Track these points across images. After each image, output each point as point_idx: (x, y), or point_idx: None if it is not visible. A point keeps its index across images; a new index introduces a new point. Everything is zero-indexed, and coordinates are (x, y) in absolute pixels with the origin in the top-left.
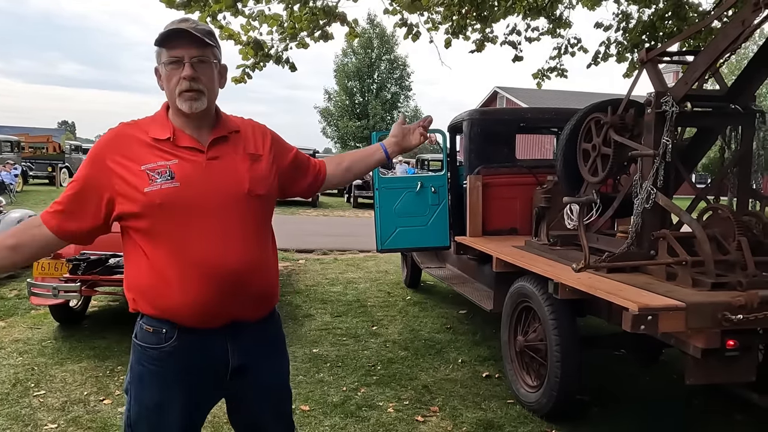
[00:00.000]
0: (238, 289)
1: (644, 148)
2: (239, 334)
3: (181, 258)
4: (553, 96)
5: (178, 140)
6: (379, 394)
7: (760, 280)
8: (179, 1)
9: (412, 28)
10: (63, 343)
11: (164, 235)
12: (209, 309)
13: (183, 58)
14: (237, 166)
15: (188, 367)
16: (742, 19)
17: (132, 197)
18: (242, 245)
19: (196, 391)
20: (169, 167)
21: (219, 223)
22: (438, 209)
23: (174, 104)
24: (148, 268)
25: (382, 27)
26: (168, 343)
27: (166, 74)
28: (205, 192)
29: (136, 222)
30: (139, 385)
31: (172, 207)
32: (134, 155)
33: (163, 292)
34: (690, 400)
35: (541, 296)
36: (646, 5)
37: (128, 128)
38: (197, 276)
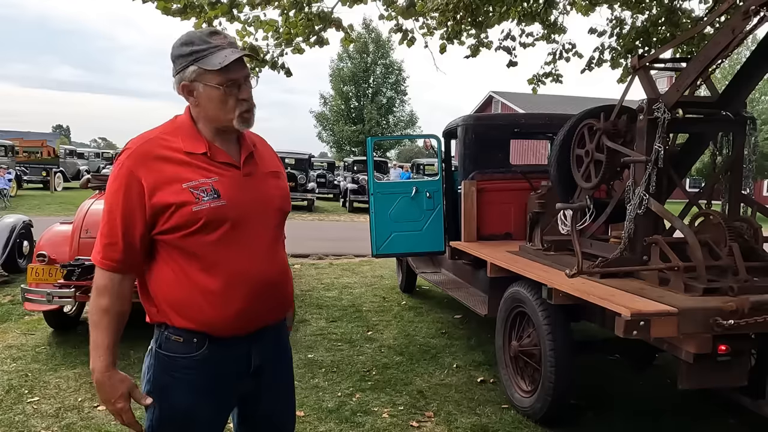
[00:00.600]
0: (272, 298)
1: (636, 155)
2: (261, 338)
3: (223, 272)
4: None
5: (215, 155)
6: (374, 399)
7: (751, 286)
8: (175, 7)
9: (407, 33)
10: (57, 349)
11: (206, 249)
12: (248, 319)
13: (238, 80)
14: (267, 183)
15: (217, 373)
16: (732, 27)
17: (177, 215)
18: (274, 256)
19: (223, 396)
20: (212, 185)
21: (257, 236)
22: (433, 214)
23: (220, 123)
24: (185, 282)
25: (378, 32)
26: (200, 351)
27: (219, 96)
28: (246, 208)
29: (177, 238)
30: (163, 394)
31: (217, 223)
32: (175, 169)
33: (202, 306)
34: (683, 405)
35: (535, 301)
36: (640, 11)
37: (155, 146)
38: (240, 288)
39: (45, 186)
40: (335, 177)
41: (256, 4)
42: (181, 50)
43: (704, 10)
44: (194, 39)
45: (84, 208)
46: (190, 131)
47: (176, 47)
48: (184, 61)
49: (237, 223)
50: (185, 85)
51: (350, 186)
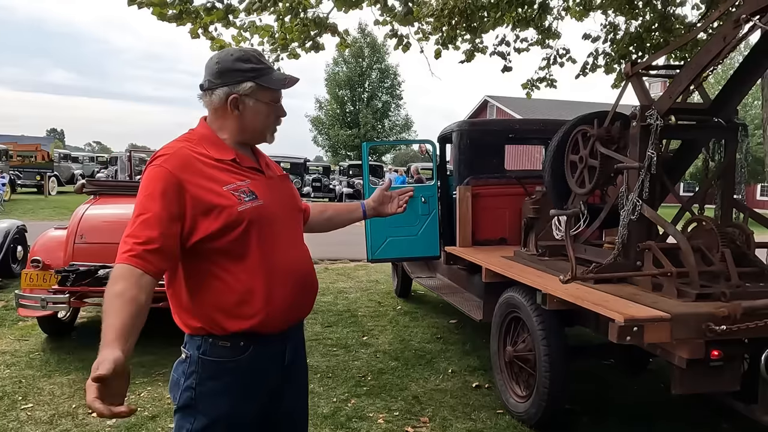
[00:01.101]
0: (309, 290)
1: (630, 161)
2: (293, 335)
3: (265, 268)
4: (543, 105)
5: (243, 161)
6: (370, 405)
7: (743, 291)
8: (170, 13)
9: (402, 38)
10: (51, 355)
11: (249, 249)
12: (292, 312)
13: (281, 98)
14: (285, 185)
15: (259, 373)
16: (723, 35)
17: (223, 217)
18: (305, 251)
19: (262, 394)
20: (248, 187)
21: (289, 233)
22: (428, 219)
23: (257, 135)
24: (233, 285)
25: (373, 36)
26: (246, 353)
27: (265, 111)
28: (277, 208)
29: (220, 240)
30: (213, 399)
31: (258, 222)
32: (212, 174)
33: (248, 305)
34: (677, 410)
35: (530, 307)
36: (633, 17)
37: (190, 152)
38: (284, 283)
39: (39, 190)
40: (331, 181)
41: (252, 9)
42: (237, 65)
43: (697, 16)
44: (251, 57)
45: (79, 213)
46: (215, 141)
47: (230, 61)
48: (239, 75)
49: (274, 222)
50: (236, 97)
51: (345, 190)
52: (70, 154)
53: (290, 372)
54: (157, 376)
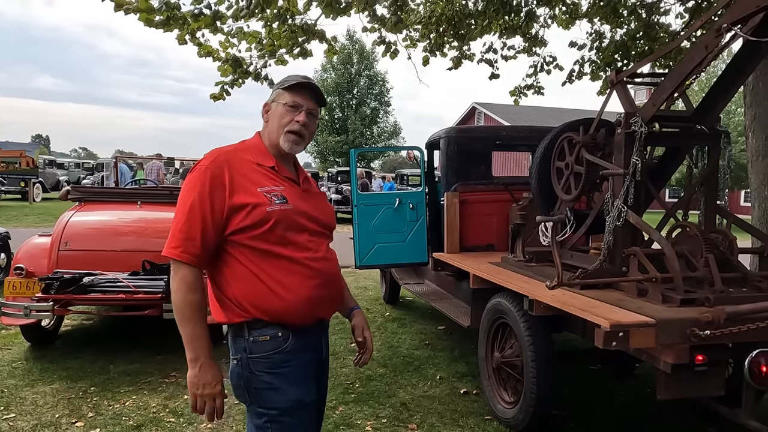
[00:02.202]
0: (335, 289)
1: (615, 167)
2: (325, 330)
3: (294, 266)
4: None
5: (281, 170)
6: (357, 412)
7: (726, 297)
8: (158, 19)
9: (390, 45)
10: (34, 364)
11: (277, 246)
12: (317, 307)
13: (302, 106)
14: (321, 201)
15: (307, 361)
16: (705, 44)
17: (253, 214)
18: (333, 256)
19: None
20: (281, 192)
21: (317, 240)
22: (416, 225)
23: (274, 139)
24: (262, 278)
25: (362, 43)
26: (288, 343)
27: (281, 112)
28: (306, 214)
29: (250, 236)
30: (273, 391)
31: (285, 223)
32: (250, 176)
33: (278, 297)
34: (664, 414)
35: (517, 313)
36: (618, 26)
37: (234, 156)
38: (310, 280)
39: (23, 197)
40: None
41: (240, 15)
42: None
43: (681, 25)
44: (291, 77)
45: (63, 220)
46: (260, 149)
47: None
48: (275, 87)
49: (301, 226)
50: (266, 104)
51: (334, 196)
52: (56, 160)
53: (324, 364)
54: (142, 385)
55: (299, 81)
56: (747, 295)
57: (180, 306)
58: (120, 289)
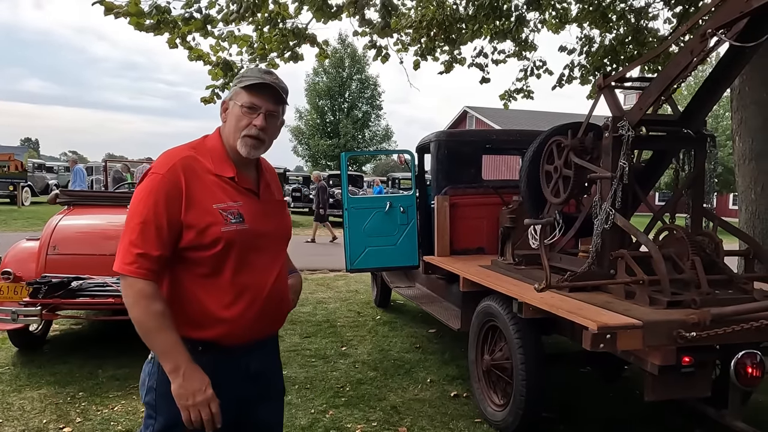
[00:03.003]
0: (277, 312)
1: (602, 171)
2: (262, 346)
3: (234, 288)
4: (522, 116)
5: (242, 181)
6: (348, 416)
7: (712, 299)
8: (148, 23)
9: (381, 49)
10: (22, 369)
11: (224, 267)
12: (256, 330)
13: (260, 108)
14: (279, 212)
15: (219, 380)
16: (690, 49)
17: (206, 234)
18: (281, 276)
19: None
20: (238, 210)
21: (269, 258)
22: (407, 229)
23: (232, 142)
24: (198, 297)
25: (353, 47)
26: (204, 359)
27: (237, 114)
28: (262, 233)
29: (198, 254)
30: (168, 401)
31: (239, 245)
32: (207, 188)
33: (210, 318)
34: (652, 416)
35: (507, 315)
36: (608, 30)
37: (193, 161)
38: (252, 304)
39: (12, 201)
40: (311, 191)
41: (230, 19)
42: (237, 77)
43: (669, 30)
44: (250, 70)
45: (51, 224)
46: (221, 155)
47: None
48: (234, 83)
49: (254, 246)
50: (224, 102)
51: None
52: (45, 164)
53: (260, 383)
54: (131, 390)
55: (257, 81)
56: (733, 297)
57: (143, 320)
58: (109, 294)
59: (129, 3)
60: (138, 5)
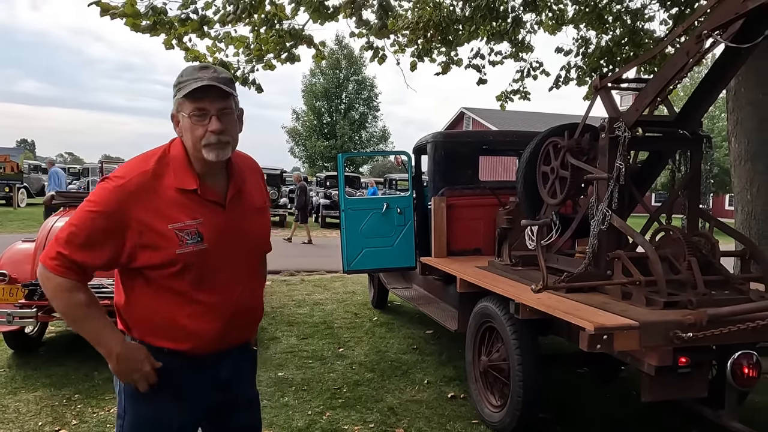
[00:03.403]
0: (243, 325)
1: (599, 172)
2: (231, 354)
3: (200, 305)
4: (519, 117)
5: (205, 193)
6: (345, 417)
7: (709, 299)
8: (144, 24)
9: (378, 51)
10: (17, 372)
11: (185, 285)
12: (221, 342)
13: (209, 111)
14: (250, 223)
15: (186, 385)
16: (686, 50)
17: (159, 255)
18: (250, 291)
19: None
20: (197, 228)
21: (234, 274)
22: (404, 230)
23: (197, 154)
24: (163, 312)
25: (350, 48)
26: (169, 362)
27: (189, 125)
28: (226, 250)
29: (156, 273)
30: (135, 402)
31: (198, 264)
32: (161, 212)
33: (174, 332)
34: (649, 417)
35: (504, 316)
36: (604, 32)
37: (148, 180)
38: (215, 320)
39: (8, 202)
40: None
41: (227, 21)
42: (174, 82)
43: (665, 31)
44: (185, 72)
45: (47, 225)
46: (182, 165)
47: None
48: (174, 92)
49: (216, 264)
50: (173, 115)
51: (322, 201)
52: (41, 166)
53: (233, 389)
54: None
55: (194, 84)
56: (729, 298)
57: (66, 311)
58: (104, 295)
59: (125, 4)
60: (134, 6)
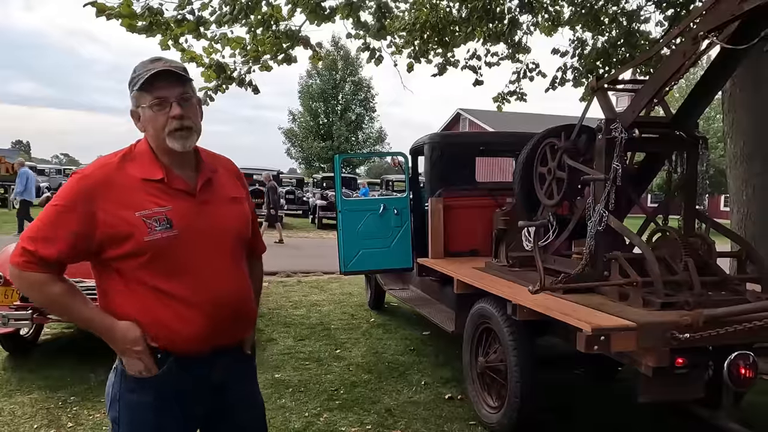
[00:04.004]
0: (231, 319)
1: (596, 173)
2: (224, 355)
3: (179, 296)
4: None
5: (172, 182)
6: (342, 419)
7: (706, 300)
8: (141, 25)
9: (375, 52)
10: (12, 374)
11: (160, 275)
12: (208, 339)
13: (168, 98)
14: (224, 211)
15: (180, 390)
16: (683, 51)
17: (128, 244)
18: (233, 280)
19: (187, 413)
20: (166, 215)
21: (211, 262)
22: (401, 231)
23: (162, 144)
24: (144, 304)
25: (347, 49)
26: (165, 366)
27: (150, 116)
28: (199, 237)
29: (129, 264)
30: (130, 412)
31: (169, 252)
32: (127, 201)
33: (163, 327)
34: (646, 417)
35: (501, 317)
36: (600, 33)
37: (112, 172)
38: (197, 311)
39: (3, 203)
40: (304, 193)
41: (223, 22)
42: (129, 79)
43: (661, 33)
44: (138, 67)
45: None
46: (148, 158)
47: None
48: (130, 90)
49: (188, 252)
50: (133, 111)
51: (319, 202)
52: (36, 167)
53: (229, 392)
54: None
55: (148, 75)
56: (726, 299)
57: (47, 303)
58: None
59: (121, 4)
60: (130, 7)
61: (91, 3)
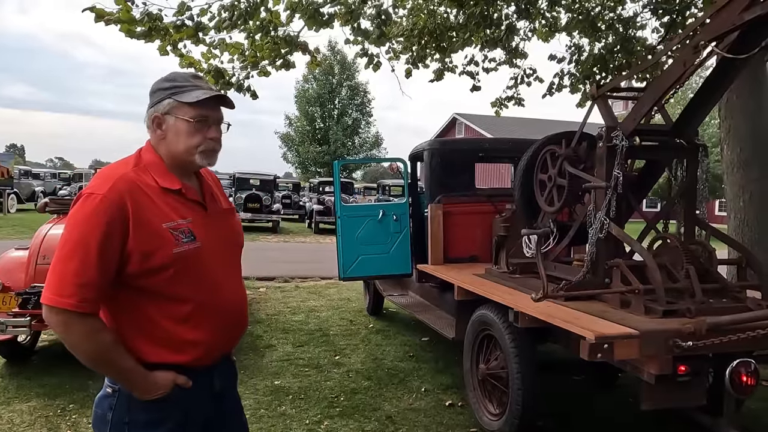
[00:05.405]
0: (236, 327)
1: (597, 180)
2: (221, 363)
3: (194, 307)
4: (510, 123)
5: (187, 192)
6: (343, 426)
7: (707, 307)
8: (139, 30)
9: (373, 57)
10: (10, 381)
11: (178, 287)
12: (217, 348)
13: (209, 119)
14: (227, 221)
15: (187, 405)
16: (683, 60)
17: (158, 256)
18: (238, 289)
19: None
20: (189, 227)
21: (224, 272)
22: (400, 237)
23: (185, 158)
24: (160, 319)
25: (344, 54)
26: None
27: (187, 130)
28: (214, 247)
29: (150, 278)
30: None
31: (192, 264)
32: (154, 207)
33: (176, 340)
34: (647, 424)
35: (502, 324)
36: (597, 39)
37: (135, 177)
38: (211, 321)
39: None
40: (300, 198)
41: (222, 27)
42: (161, 84)
43: (657, 39)
44: (177, 77)
45: (41, 233)
46: (162, 169)
47: (158, 82)
48: (162, 94)
49: (208, 263)
50: (157, 116)
51: (316, 207)
52: (31, 171)
53: (224, 400)
54: None
55: (201, 94)
56: (727, 306)
57: (94, 355)
58: None
59: (120, 10)
60: (129, 12)
61: (90, 8)
